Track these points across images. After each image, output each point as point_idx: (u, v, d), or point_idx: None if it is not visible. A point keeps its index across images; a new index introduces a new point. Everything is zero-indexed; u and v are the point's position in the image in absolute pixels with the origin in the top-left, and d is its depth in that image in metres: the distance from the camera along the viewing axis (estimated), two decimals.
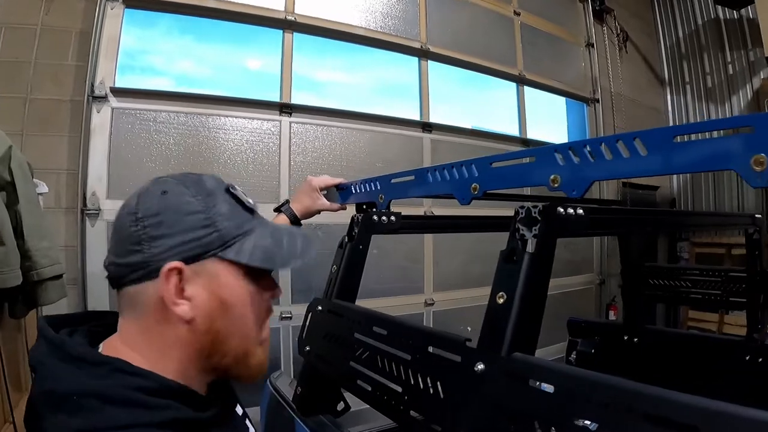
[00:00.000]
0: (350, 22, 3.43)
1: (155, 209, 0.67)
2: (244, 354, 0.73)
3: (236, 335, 0.72)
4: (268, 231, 0.75)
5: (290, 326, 3.11)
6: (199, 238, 0.67)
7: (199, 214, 0.68)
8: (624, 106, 5.10)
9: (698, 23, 5.45)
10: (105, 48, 2.64)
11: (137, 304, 0.68)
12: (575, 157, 0.72)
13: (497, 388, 0.69)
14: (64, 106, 2.56)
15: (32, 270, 1.56)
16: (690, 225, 1.97)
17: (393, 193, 1.07)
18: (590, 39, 4.95)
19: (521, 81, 4.38)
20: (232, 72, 3.32)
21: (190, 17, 2.97)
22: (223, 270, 0.69)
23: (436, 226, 1.62)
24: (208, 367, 0.72)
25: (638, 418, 0.55)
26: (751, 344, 1.76)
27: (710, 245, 4.73)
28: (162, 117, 2.79)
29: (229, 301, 0.70)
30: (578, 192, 0.72)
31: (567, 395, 0.62)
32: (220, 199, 0.71)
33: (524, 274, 0.75)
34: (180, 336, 0.68)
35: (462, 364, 0.75)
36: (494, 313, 0.75)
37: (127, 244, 0.67)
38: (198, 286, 0.68)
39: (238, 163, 2.99)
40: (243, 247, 0.70)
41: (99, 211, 2.60)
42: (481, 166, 0.84)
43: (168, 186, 0.69)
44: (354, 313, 1.07)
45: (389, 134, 3.56)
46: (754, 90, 4.93)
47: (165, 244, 0.66)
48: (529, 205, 0.77)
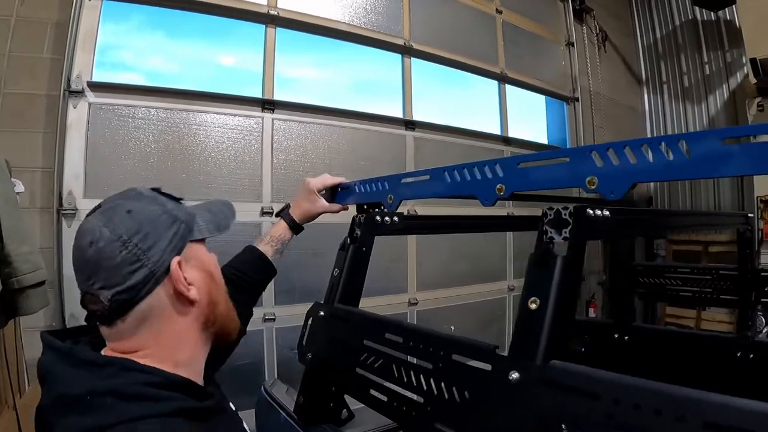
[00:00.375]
0: (333, 17, 3.37)
1: (135, 227, 0.73)
2: (228, 311, 0.87)
3: (222, 297, 0.86)
4: (203, 208, 0.89)
5: (274, 328, 3.05)
6: (176, 233, 0.78)
7: (163, 216, 0.78)
8: (603, 105, 5.16)
9: (676, 24, 5.55)
10: (82, 41, 2.53)
11: (151, 317, 0.75)
12: (615, 159, 0.69)
13: (535, 398, 0.66)
14: (39, 100, 2.44)
15: (12, 277, 1.45)
16: (690, 225, 1.98)
17: (404, 194, 1.02)
18: (570, 38, 4.99)
19: (503, 79, 4.39)
20: (205, 68, 3.24)
21: (168, 9, 2.87)
22: (198, 249, 0.82)
23: (439, 227, 1.59)
24: (210, 337, 0.84)
25: (694, 425, 0.53)
26: (742, 341, 1.77)
27: (687, 243, 4.81)
28: (141, 113, 2.69)
29: (210, 270, 0.84)
30: (617, 194, 0.69)
31: (613, 403, 0.59)
32: (162, 199, 0.81)
33: (557, 278, 0.71)
34: (191, 319, 0.79)
35: (493, 373, 0.72)
36: (527, 320, 0.71)
37: (123, 268, 0.71)
38: (191, 269, 0.79)
39: (220, 160, 2.91)
40: (199, 226, 0.84)
41: (75, 211, 2.49)
42: (508, 166, 0.80)
43: (127, 206, 0.76)
44: (363, 318, 1.03)
45: (372, 132, 3.52)
46: (730, 90, 5.05)
47: (159, 250, 0.74)
48: (559, 207, 0.74)
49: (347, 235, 1.21)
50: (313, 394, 1.18)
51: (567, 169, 0.75)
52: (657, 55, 5.79)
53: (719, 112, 5.19)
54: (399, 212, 1.23)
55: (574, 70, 4.98)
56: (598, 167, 0.71)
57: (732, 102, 5.02)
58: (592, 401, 0.61)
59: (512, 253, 4.27)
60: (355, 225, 1.20)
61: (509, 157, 0.80)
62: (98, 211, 0.76)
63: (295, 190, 3.10)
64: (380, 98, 3.82)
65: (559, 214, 0.74)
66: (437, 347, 0.82)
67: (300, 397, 1.18)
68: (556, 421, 0.63)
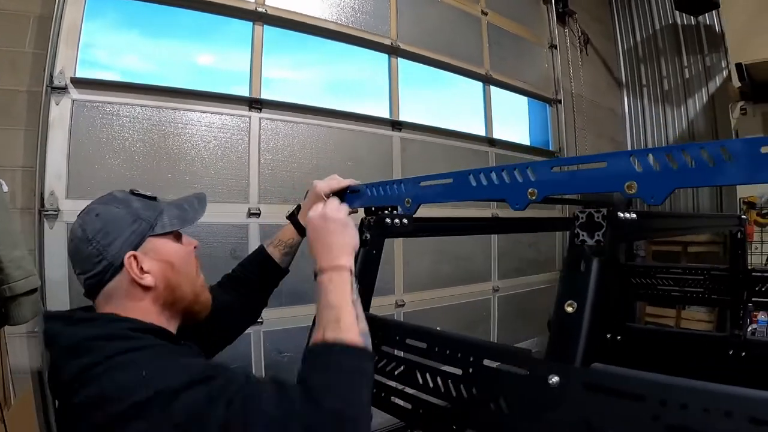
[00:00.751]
0: (321, 15, 3.34)
1: (98, 227, 0.95)
2: (194, 295, 1.06)
3: (184, 282, 1.03)
4: (173, 206, 1.07)
5: (261, 331, 2.99)
6: (134, 230, 0.97)
7: (126, 216, 0.98)
8: (585, 107, 5.24)
9: (656, 28, 5.67)
10: (65, 35, 2.43)
11: (114, 296, 0.96)
12: (655, 165, 0.70)
13: (578, 402, 0.66)
14: (20, 96, 2.34)
15: (4, 284, 1.37)
16: (695, 227, 2.02)
17: (423, 197, 1.01)
18: (553, 41, 5.04)
19: (488, 80, 4.41)
20: (183, 67, 3.16)
21: (153, 5, 2.79)
22: (159, 242, 1.00)
23: (449, 229, 1.57)
24: (176, 314, 1.03)
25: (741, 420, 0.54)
26: (734, 339, 1.80)
27: (666, 243, 4.91)
28: (126, 111, 2.61)
29: (171, 260, 1.01)
30: (657, 199, 0.69)
31: (660, 404, 0.60)
32: (132, 200, 1.01)
33: (593, 281, 0.71)
34: (150, 300, 0.98)
35: (531, 378, 0.72)
36: (564, 323, 0.71)
37: (91, 260, 0.95)
38: (150, 260, 0.97)
39: (206, 160, 2.84)
40: (163, 222, 1.01)
41: (58, 212, 2.39)
42: (541, 170, 0.80)
43: (97, 210, 0.98)
44: (381, 324, 1.00)
45: (359, 132, 3.49)
46: (709, 93, 5.18)
47: (116, 245, 0.95)
48: (591, 210, 0.75)
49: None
50: None
51: (605, 173, 0.75)
52: (637, 59, 5.91)
53: (698, 115, 5.32)
54: (408, 214, 1.21)
55: (556, 73, 5.03)
56: (638, 172, 0.71)
57: (711, 105, 5.16)
58: (637, 403, 0.61)
59: (497, 254, 4.30)
60: (364, 228, 1.18)
61: (541, 161, 0.80)
62: (81, 214, 0.99)
63: (282, 191, 3.08)
64: (365, 99, 3.79)
65: (591, 217, 0.75)
66: (467, 352, 0.81)
67: None
68: (601, 424, 0.63)
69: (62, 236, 2.39)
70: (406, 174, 3.61)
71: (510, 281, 4.40)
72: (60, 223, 2.40)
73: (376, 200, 1.16)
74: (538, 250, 4.72)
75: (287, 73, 3.48)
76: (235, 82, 3.16)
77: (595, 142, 5.38)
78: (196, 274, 1.08)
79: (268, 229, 2.91)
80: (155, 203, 1.04)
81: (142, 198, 1.03)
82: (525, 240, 4.57)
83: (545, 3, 5.09)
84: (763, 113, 4.31)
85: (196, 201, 1.12)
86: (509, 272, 4.41)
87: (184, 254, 1.05)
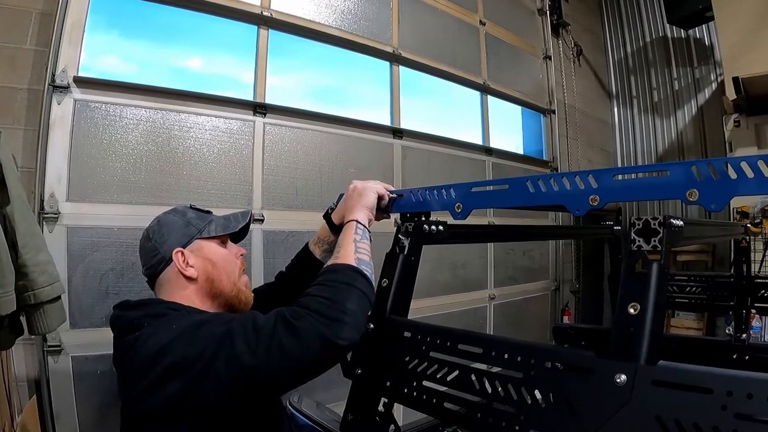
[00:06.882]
0: (325, 21, 3.34)
1: (157, 229, 1.27)
2: (235, 291, 1.30)
3: (224, 279, 1.27)
4: (222, 218, 1.36)
5: None
6: (185, 233, 1.26)
7: (180, 222, 1.28)
8: (577, 117, 5.32)
9: (646, 40, 5.79)
10: (69, 32, 2.38)
11: (165, 284, 1.25)
12: (714, 174, 0.75)
13: (647, 397, 0.69)
14: (20, 95, 2.29)
15: (28, 291, 1.29)
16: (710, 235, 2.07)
17: (475, 203, 1.03)
18: (548, 52, 5.12)
19: (485, 90, 4.45)
20: (176, 72, 3.11)
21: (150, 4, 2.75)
22: (205, 244, 1.28)
23: (481, 236, 1.59)
24: (217, 306, 1.27)
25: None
26: (737, 344, 1.85)
27: None
28: (130, 112, 2.56)
29: (213, 259, 1.27)
30: (718, 206, 0.75)
31: (726, 395, 0.64)
32: (188, 212, 1.32)
33: (654, 283, 0.75)
34: (194, 289, 1.23)
35: (598, 377, 0.74)
36: (628, 324, 0.74)
37: (149, 254, 1.26)
38: (195, 257, 1.25)
39: (210, 164, 2.79)
40: (209, 229, 1.30)
41: (58, 215, 2.32)
42: (602, 177, 0.86)
43: (160, 218, 1.31)
44: (431, 330, 1.01)
45: (360, 140, 3.49)
46: (698, 105, 5.30)
47: (168, 243, 1.24)
48: (648, 218, 0.79)
49: (394, 244, 1.20)
50: (363, 411, 1.14)
51: (667, 181, 0.80)
52: (627, 70, 6.02)
53: (687, 126, 5.42)
54: (442, 221, 1.22)
55: (550, 83, 5.11)
56: (698, 181, 0.76)
57: (700, 117, 5.27)
58: (706, 395, 0.65)
59: (493, 262, 4.32)
60: (401, 235, 1.19)
61: (601, 169, 0.85)
62: (153, 221, 1.31)
63: (285, 197, 3.07)
64: (364, 107, 3.78)
65: (648, 224, 0.79)
66: (527, 356, 0.83)
67: (348, 415, 1.14)
68: (672, 417, 0.66)
69: (62, 240, 2.32)
70: (407, 181, 3.64)
71: (506, 289, 4.42)
72: (60, 226, 2.33)
73: (421, 206, 1.18)
74: (531, 259, 4.77)
75: (288, 79, 3.47)
76: (236, 88, 3.13)
77: (585, 151, 5.46)
78: (239, 275, 1.33)
79: (271, 236, 2.89)
80: (208, 215, 1.35)
81: (198, 211, 1.34)
82: (519, 248, 4.61)
83: (540, 14, 5.18)
84: (756, 125, 4.41)
85: (241, 215, 1.40)
86: (505, 280, 4.44)
87: (225, 255, 1.31)
